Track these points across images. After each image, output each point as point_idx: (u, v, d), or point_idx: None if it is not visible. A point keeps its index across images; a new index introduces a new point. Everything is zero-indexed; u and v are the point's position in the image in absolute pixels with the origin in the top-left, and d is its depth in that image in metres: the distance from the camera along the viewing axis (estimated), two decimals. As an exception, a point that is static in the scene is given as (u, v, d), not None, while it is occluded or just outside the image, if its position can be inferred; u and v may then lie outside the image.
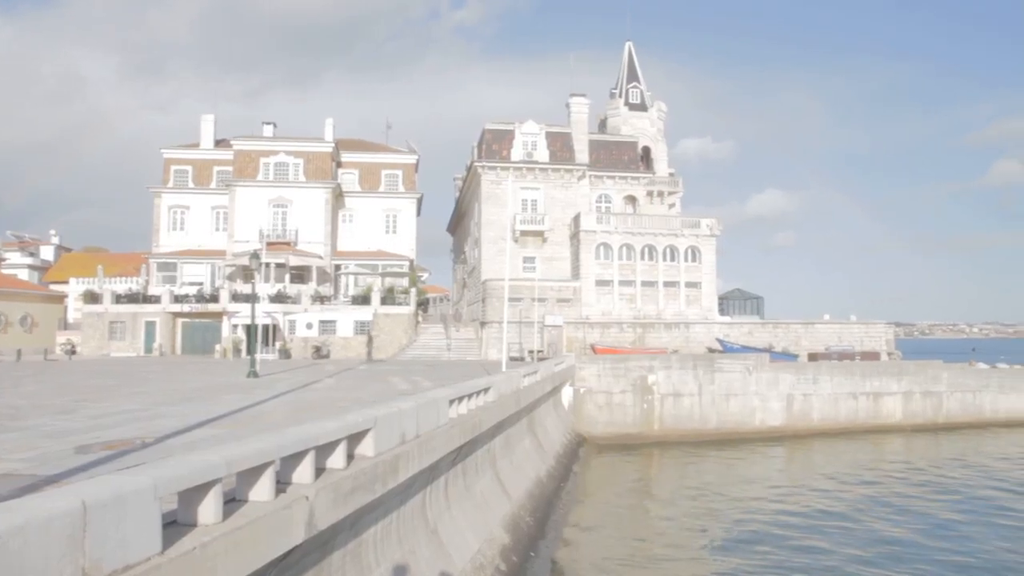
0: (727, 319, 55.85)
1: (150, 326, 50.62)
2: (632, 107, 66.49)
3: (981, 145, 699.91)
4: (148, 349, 50.11)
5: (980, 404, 41.16)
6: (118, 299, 51.26)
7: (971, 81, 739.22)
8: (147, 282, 55.78)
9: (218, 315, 50.61)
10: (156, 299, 51.60)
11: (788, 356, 46.00)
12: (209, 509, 5.58)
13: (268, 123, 62.99)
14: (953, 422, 39.86)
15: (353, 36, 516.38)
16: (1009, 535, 20.03)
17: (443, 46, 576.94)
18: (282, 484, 6.94)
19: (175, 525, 5.46)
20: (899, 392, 39.65)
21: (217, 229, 58.71)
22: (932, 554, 18.21)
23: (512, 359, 39.63)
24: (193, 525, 5.52)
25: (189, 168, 59.87)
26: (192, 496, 5.48)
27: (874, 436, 37.06)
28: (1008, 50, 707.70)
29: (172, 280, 55.66)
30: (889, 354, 51.57)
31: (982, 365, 45.57)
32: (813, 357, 46.04)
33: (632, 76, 67.86)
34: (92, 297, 51.20)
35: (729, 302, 61.15)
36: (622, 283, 54.50)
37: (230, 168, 58.42)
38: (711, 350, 48.03)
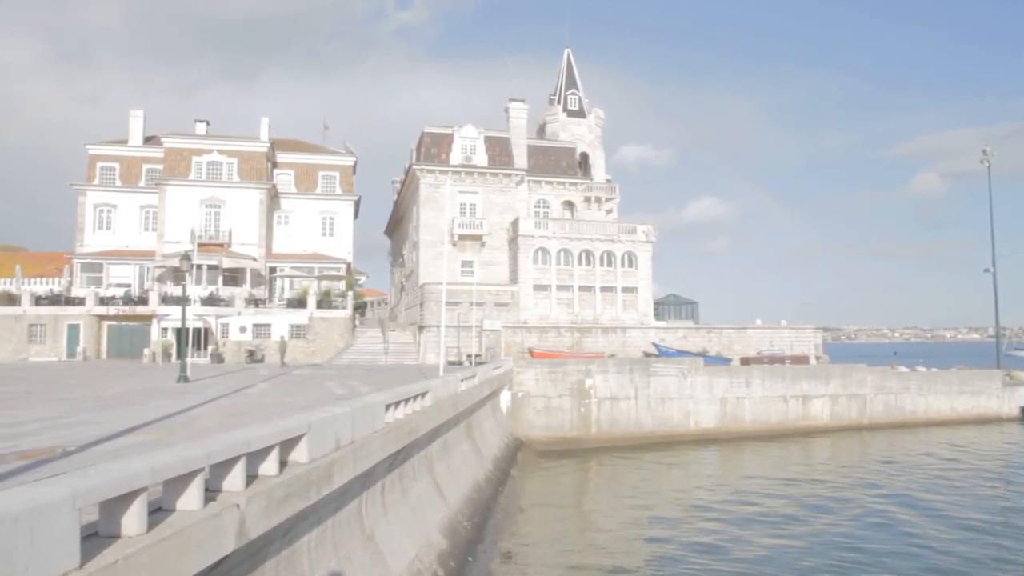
0: (663, 324, 56.73)
1: (73, 329, 48.74)
2: (570, 113, 67.08)
3: (905, 157, 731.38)
4: (71, 353, 48.22)
5: (901, 405, 42.76)
6: (38, 301, 49.22)
7: (896, 95, 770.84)
8: (70, 283, 53.63)
9: (147, 318, 49.05)
10: (80, 301, 49.69)
11: (721, 360, 46.98)
12: (133, 520, 5.36)
13: (201, 120, 61.33)
14: (877, 423, 41.30)
15: (293, 33, 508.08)
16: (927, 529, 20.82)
17: (385, 47, 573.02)
18: (212, 492, 6.72)
19: (96, 537, 5.22)
20: (827, 395, 40.88)
21: (146, 229, 56.87)
22: (863, 550, 18.79)
23: (450, 363, 39.46)
24: (116, 537, 5.30)
25: (116, 165, 57.85)
26: (115, 506, 5.25)
27: (803, 437, 38.11)
28: (934, 69, 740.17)
29: (98, 281, 53.66)
30: (817, 358, 53.15)
31: (903, 368, 47.43)
32: (745, 361, 47.14)
33: (571, 83, 68.48)
34: (9, 298, 49.00)
35: (664, 307, 62.18)
36: (560, 288, 54.85)
37: (160, 166, 56.69)
38: (647, 354, 48.71)
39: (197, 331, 45.78)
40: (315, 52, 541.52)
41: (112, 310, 49.60)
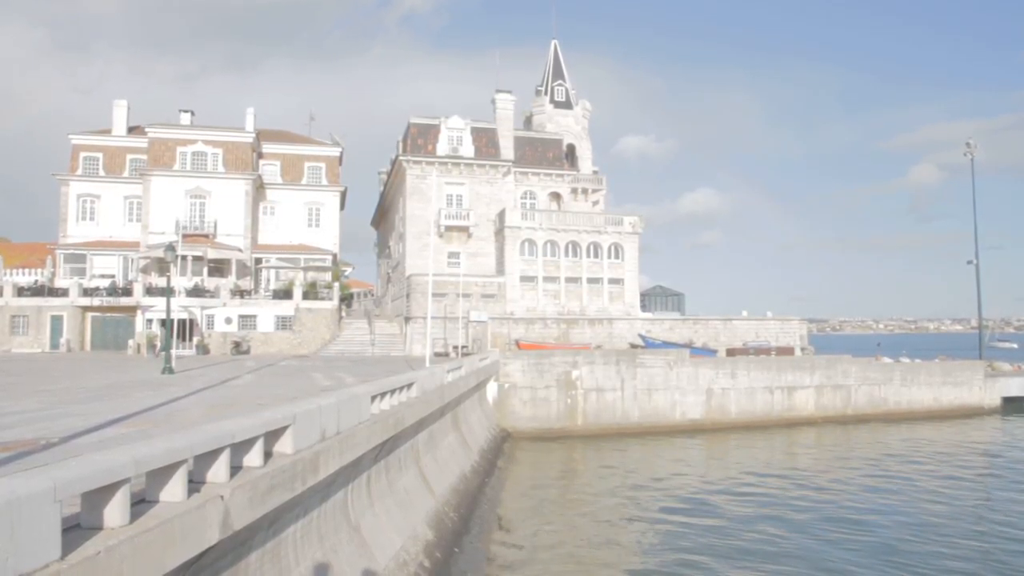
0: (649, 315, 56.91)
1: (56, 320, 48.34)
2: (557, 105, 66.98)
3: (902, 150, 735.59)
4: (55, 345, 47.85)
5: (885, 396, 43.10)
6: (21, 292, 48.76)
7: (894, 88, 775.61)
8: (53, 274, 53.18)
9: (131, 309, 48.72)
10: (63, 292, 49.29)
11: (708, 351, 47.20)
12: (116, 511, 5.33)
13: (186, 111, 60.86)
14: (861, 414, 41.61)
15: (297, 22, 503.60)
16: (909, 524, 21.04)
17: (390, 36, 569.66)
18: (196, 483, 6.70)
19: (78, 529, 5.19)
20: (812, 386, 41.16)
21: (130, 220, 56.46)
22: (838, 542, 18.98)
23: (436, 355, 39.46)
24: (98, 528, 5.27)
25: (100, 155, 57.32)
26: (97, 498, 5.22)
27: (788, 428, 38.37)
28: (933, 62, 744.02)
29: (81, 272, 53.22)
30: (803, 349, 53.54)
31: (886, 359, 47.81)
32: (731, 352, 47.41)
33: (558, 74, 68.35)
34: (-8, 290, 48.58)
35: (651, 298, 62.39)
36: (546, 279, 54.87)
37: (144, 156, 56.23)
38: (633, 346, 48.86)
39: (182, 322, 45.49)
40: (319, 42, 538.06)
41: (96, 301, 49.23)
